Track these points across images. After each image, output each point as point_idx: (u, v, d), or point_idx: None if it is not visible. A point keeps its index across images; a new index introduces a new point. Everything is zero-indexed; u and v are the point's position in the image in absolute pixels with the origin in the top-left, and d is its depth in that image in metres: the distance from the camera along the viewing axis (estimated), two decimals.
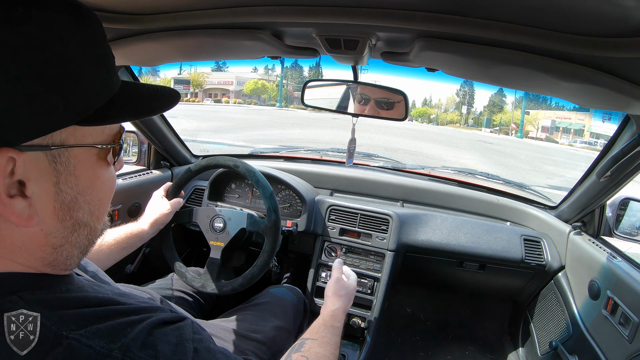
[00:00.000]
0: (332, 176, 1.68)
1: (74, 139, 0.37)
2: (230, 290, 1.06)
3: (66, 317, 0.36)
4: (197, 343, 0.42)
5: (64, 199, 0.38)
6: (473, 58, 0.68)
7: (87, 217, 0.41)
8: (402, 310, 1.92)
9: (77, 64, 0.35)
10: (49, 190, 0.37)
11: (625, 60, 0.57)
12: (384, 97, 1.21)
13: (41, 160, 0.35)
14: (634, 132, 0.96)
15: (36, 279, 0.39)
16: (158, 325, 0.40)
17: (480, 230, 1.46)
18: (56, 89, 0.34)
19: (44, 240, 0.38)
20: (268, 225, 1.06)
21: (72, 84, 0.35)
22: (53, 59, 0.33)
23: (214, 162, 1.13)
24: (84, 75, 0.36)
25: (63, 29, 0.35)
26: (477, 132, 21.92)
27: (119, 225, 1.42)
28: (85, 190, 0.40)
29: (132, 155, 1.61)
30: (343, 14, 0.61)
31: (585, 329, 1.17)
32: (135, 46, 0.84)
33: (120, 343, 0.36)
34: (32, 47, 0.32)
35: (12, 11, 0.31)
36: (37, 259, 0.39)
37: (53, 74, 0.33)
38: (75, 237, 0.41)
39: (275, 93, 30.38)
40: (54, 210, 0.38)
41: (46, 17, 0.33)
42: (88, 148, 0.39)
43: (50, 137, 0.35)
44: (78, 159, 0.38)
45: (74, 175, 0.38)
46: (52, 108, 0.34)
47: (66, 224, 0.39)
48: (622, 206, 1.24)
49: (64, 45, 0.34)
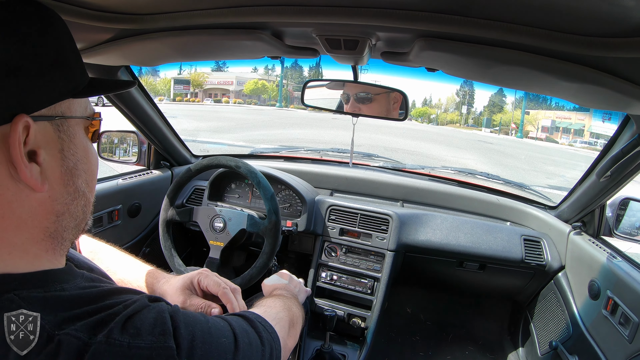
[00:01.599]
0: (332, 176, 1.69)
1: (70, 112, 0.44)
2: None
3: (59, 318, 0.37)
4: (172, 311, 0.44)
5: (68, 164, 0.43)
6: (473, 58, 0.68)
7: (84, 186, 0.46)
8: (402, 310, 1.92)
9: (67, 51, 0.44)
10: (56, 157, 0.42)
11: (625, 60, 0.57)
12: (383, 97, 1.21)
13: (48, 129, 0.41)
14: (634, 132, 0.96)
15: (32, 278, 0.39)
16: (139, 309, 0.41)
17: (480, 230, 1.46)
18: (56, 67, 0.42)
19: (50, 207, 0.42)
20: (268, 226, 1.06)
21: (66, 65, 0.44)
22: (52, 46, 0.42)
23: (216, 161, 1.13)
24: (72, 60, 0.45)
25: (55, 22, 0.44)
26: (477, 132, 21.91)
27: (118, 225, 1.43)
28: (82, 159, 0.45)
29: (132, 155, 1.61)
30: (343, 14, 0.61)
31: (585, 329, 1.17)
32: (135, 46, 0.84)
33: (105, 331, 0.38)
34: (40, 35, 0.41)
35: (17, 7, 0.40)
36: (41, 230, 0.41)
37: (53, 56, 0.42)
38: (74, 205, 0.45)
39: (275, 93, 30.40)
40: (60, 175, 0.43)
41: (43, 13, 0.43)
42: (79, 120, 0.46)
43: (53, 109, 0.42)
44: (74, 130, 0.44)
45: (74, 144, 0.44)
46: (55, 82, 0.42)
47: (69, 189, 0.44)
48: (622, 206, 1.25)
49: (58, 36, 0.44)
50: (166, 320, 0.42)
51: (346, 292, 1.42)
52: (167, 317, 0.42)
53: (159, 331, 0.40)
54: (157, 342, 0.39)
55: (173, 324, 0.42)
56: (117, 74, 1.15)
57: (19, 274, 0.39)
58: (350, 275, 1.43)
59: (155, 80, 20.34)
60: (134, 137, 1.57)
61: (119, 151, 1.64)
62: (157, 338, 0.39)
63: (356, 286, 1.41)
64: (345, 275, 1.43)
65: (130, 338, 0.38)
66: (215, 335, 0.45)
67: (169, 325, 0.41)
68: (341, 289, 1.42)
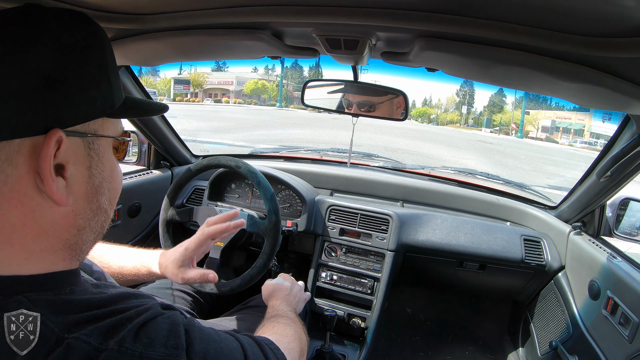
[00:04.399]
0: (332, 176, 1.69)
1: (102, 130, 0.44)
2: (229, 290, 1.06)
3: (69, 321, 0.37)
4: (187, 325, 0.43)
5: (94, 182, 0.43)
6: (473, 58, 0.68)
7: (106, 204, 0.46)
8: (402, 310, 1.92)
9: (109, 68, 0.44)
10: (84, 173, 0.42)
11: (625, 60, 0.57)
12: (383, 97, 1.21)
13: (79, 145, 0.41)
14: (634, 132, 0.96)
15: (42, 280, 0.39)
16: (152, 317, 0.41)
17: (480, 230, 1.46)
18: (96, 86, 0.42)
19: (72, 221, 0.42)
20: (268, 226, 1.06)
21: (106, 83, 0.43)
22: (96, 61, 0.42)
23: (216, 161, 1.13)
24: (112, 78, 0.44)
25: (100, 37, 0.43)
26: (477, 132, 21.90)
27: (118, 225, 1.43)
28: (108, 178, 0.45)
29: (132, 155, 1.61)
30: (343, 14, 0.61)
31: (585, 329, 1.17)
32: (135, 46, 0.84)
33: (116, 337, 0.37)
34: (83, 49, 0.41)
35: (63, 18, 0.40)
36: (61, 240, 0.41)
37: (94, 72, 0.42)
38: (95, 221, 0.45)
39: (275, 93, 30.39)
40: (85, 192, 0.43)
41: (92, 29, 0.43)
42: (108, 140, 0.46)
43: (87, 126, 0.42)
44: (104, 148, 0.44)
45: (102, 162, 0.44)
46: (92, 100, 0.42)
47: (92, 206, 0.44)
48: (622, 206, 1.25)
49: (102, 51, 0.43)
50: (180, 333, 0.41)
51: (346, 292, 1.42)
52: (181, 330, 0.42)
53: (172, 344, 0.40)
54: (170, 355, 0.39)
55: (187, 338, 0.42)
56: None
57: (30, 275, 0.39)
58: (350, 275, 1.43)
59: (155, 80, 20.34)
60: (134, 137, 1.57)
61: None
62: (169, 351, 0.39)
63: (356, 286, 1.41)
64: (345, 275, 1.43)
65: (143, 347, 0.38)
66: (227, 355, 0.45)
67: (182, 340, 0.41)
68: (341, 289, 1.42)
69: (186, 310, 1.10)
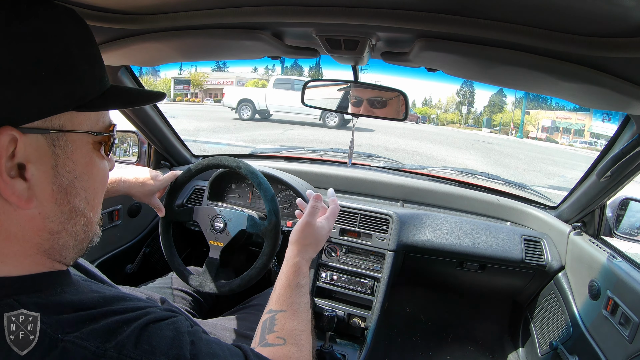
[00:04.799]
0: (332, 176, 1.68)
1: (71, 125, 0.40)
2: (228, 290, 1.06)
3: (62, 321, 0.36)
4: (193, 335, 0.42)
5: (62, 182, 0.40)
6: (473, 58, 0.68)
7: (83, 205, 0.42)
8: (402, 310, 1.92)
9: (75, 57, 0.39)
10: (48, 173, 0.38)
11: (625, 60, 0.57)
12: (383, 97, 1.21)
13: (41, 143, 0.37)
14: (634, 132, 0.96)
15: (31, 281, 0.38)
16: (153, 321, 0.40)
17: (480, 230, 1.46)
18: (56, 76, 0.37)
19: (41, 224, 0.39)
20: (268, 227, 1.06)
21: (70, 74, 0.38)
22: (55, 50, 0.37)
23: (217, 161, 1.13)
24: (81, 68, 0.40)
25: (64, 27, 0.39)
26: (477, 132, 21.90)
27: (118, 225, 1.43)
28: (81, 176, 0.41)
29: (132, 155, 1.61)
30: (343, 14, 0.61)
31: (585, 329, 1.17)
32: (135, 46, 0.84)
33: (115, 342, 0.36)
34: (37, 38, 0.36)
35: (17, 5, 0.35)
36: (33, 245, 0.39)
37: (54, 62, 0.37)
38: (72, 225, 0.42)
39: None
40: (52, 193, 0.39)
41: (51, 15, 0.38)
42: (84, 135, 0.41)
43: (49, 121, 0.38)
44: (75, 145, 0.40)
45: (72, 160, 0.40)
46: (52, 92, 0.37)
47: (63, 208, 0.40)
48: (622, 206, 1.24)
49: (65, 40, 0.39)
50: (184, 343, 0.40)
51: (346, 292, 1.42)
52: (185, 339, 0.40)
53: (174, 354, 0.38)
54: None
55: (192, 350, 0.40)
56: (117, 75, 1.15)
57: (17, 277, 0.38)
58: (350, 276, 1.43)
59: (155, 80, 20.32)
60: (134, 137, 1.57)
61: (119, 151, 1.64)
62: None
63: (356, 286, 1.41)
64: (345, 275, 1.43)
65: (144, 355, 0.36)
66: None
67: (186, 351, 0.39)
68: (341, 289, 1.42)
69: (186, 309, 1.10)
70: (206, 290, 1.07)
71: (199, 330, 0.44)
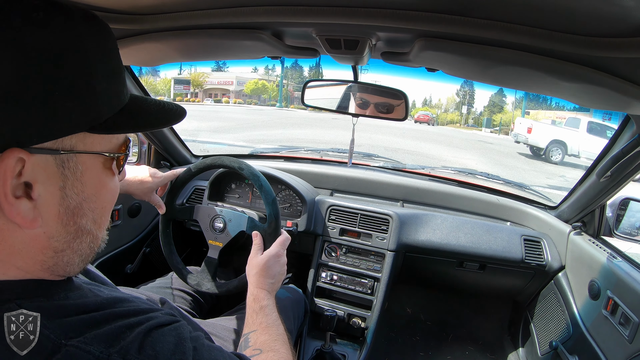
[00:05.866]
0: (332, 176, 1.68)
1: (83, 146, 0.38)
2: (226, 291, 1.06)
3: (65, 325, 0.36)
4: (195, 341, 0.42)
5: (69, 204, 0.38)
6: (473, 58, 0.68)
7: (90, 225, 0.41)
8: (402, 310, 1.92)
9: (93, 73, 0.36)
10: (55, 194, 0.37)
11: (625, 60, 0.57)
12: (383, 97, 1.21)
13: (50, 163, 0.36)
14: (634, 132, 0.96)
15: (34, 286, 0.38)
16: (156, 327, 0.40)
17: (480, 230, 1.46)
18: (70, 95, 0.34)
19: (46, 244, 0.38)
20: (268, 230, 1.06)
21: (85, 92, 0.36)
22: (71, 66, 0.34)
23: (219, 161, 1.13)
24: (98, 85, 0.37)
25: (84, 38, 0.36)
26: (477, 132, 21.92)
27: (118, 225, 1.43)
28: (90, 198, 0.40)
29: (132, 155, 1.61)
30: (343, 14, 0.61)
31: (585, 329, 1.17)
32: (135, 46, 0.84)
33: (119, 347, 0.36)
34: (51, 52, 0.33)
35: (33, 14, 0.32)
36: (37, 262, 0.38)
37: (69, 79, 0.34)
38: (77, 243, 0.40)
39: (275, 93, 30.38)
40: (58, 214, 0.38)
41: (68, 25, 0.34)
42: (96, 156, 0.39)
43: (60, 142, 0.36)
44: (85, 166, 0.38)
45: (81, 182, 0.38)
46: (65, 113, 0.35)
47: (69, 229, 0.39)
48: (622, 206, 1.25)
49: (83, 53, 0.35)
50: (187, 349, 0.40)
51: (346, 292, 1.42)
52: (188, 346, 0.40)
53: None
54: None
55: (195, 356, 0.40)
56: None
57: (20, 280, 0.37)
58: (350, 275, 1.43)
59: (155, 80, 20.34)
60: (134, 137, 1.57)
61: None
62: None
63: (356, 286, 1.41)
64: (345, 275, 1.43)
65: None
66: None
67: (189, 357, 0.39)
68: (341, 289, 1.42)
69: (186, 309, 1.10)
70: (204, 289, 1.07)
71: (201, 336, 0.44)
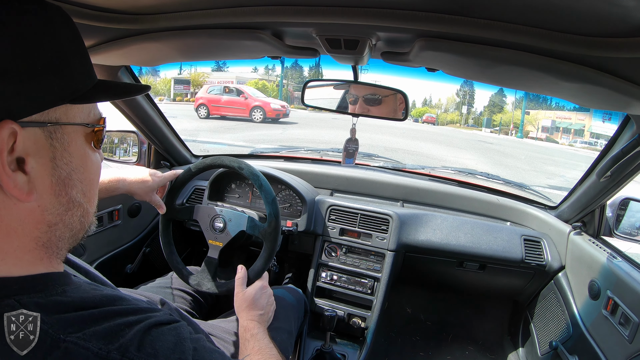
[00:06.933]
0: (332, 176, 1.69)
1: (66, 118, 0.41)
2: (226, 291, 1.06)
3: (63, 321, 0.36)
4: (195, 342, 0.42)
5: (60, 174, 0.41)
6: (473, 58, 0.68)
7: (80, 196, 0.43)
8: (402, 310, 1.92)
9: (67, 52, 0.41)
10: (47, 166, 0.39)
11: (625, 60, 0.57)
12: (379, 94, 1.20)
13: (39, 136, 0.38)
14: (634, 132, 0.96)
15: (32, 282, 0.38)
16: (155, 325, 0.40)
17: (480, 230, 1.46)
18: (52, 70, 0.39)
19: (40, 217, 0.40)
20: (268, 230, 1.06)
21: (64, 68, 0.40)
22: (49, 45, 0.39)
23: (219, 161, 1.13)
24: (73, 62, 0.42)
25: (56, 23, 0.41)
26: (477, 132, 21.92)
27: (118, 225, 1.43)
28: (78, 168, 0.43)
29: (132, 155, 1.61)
30: (343, 14, 0.61)
31: (585, 329, 1.17)
32: (135, 46, 0.84)
33: (118, 344, 0.36)
34: (33, 34, 0.38)
35: (12, 5, 0.37)
36: (32, 239, 0.40)
37: (49, 57, 0.39)
38: (69, 216, 0.42)
39: (275, 93, 30.38)
40: (50, 185, 0.40)
41: (43, 13, 0.40)
42: (78, 127, 0.43)
43: (46, 114, 0.39)
44: (70, 137, 0.42)
45: (68, 152, 0.41)
46: (49, 86, 0.39)
47: (61, 199, 0.41)
48: (622, 206, 1.24)
49: (57, 36, 0.40)
50: (186, 349, 0.40)
51: (346, 292, 1.42)
52: (187, 345, 0.41)
53: (177, 359, 0.39)
54: None
55: (194, 356, 0.40)
56: (117, 74, 1.15)
57: (17, 277, 0.38)
58: (350, 275, 1.43)
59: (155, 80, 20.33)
60: (134, 137, 1.57)
61: (119, 151, 1.64)
62: None
63: (356, 286, 1.41)
64: (345, 275, 1.43)
65: (147, 358, 0.37)
66: None
67: (188, 356, 0.40)
68: (341, 289, 1.42)
69: (186, 309, 1.10)
70: (204, 289, 1.07)
71: (202, 338, 0.45)
